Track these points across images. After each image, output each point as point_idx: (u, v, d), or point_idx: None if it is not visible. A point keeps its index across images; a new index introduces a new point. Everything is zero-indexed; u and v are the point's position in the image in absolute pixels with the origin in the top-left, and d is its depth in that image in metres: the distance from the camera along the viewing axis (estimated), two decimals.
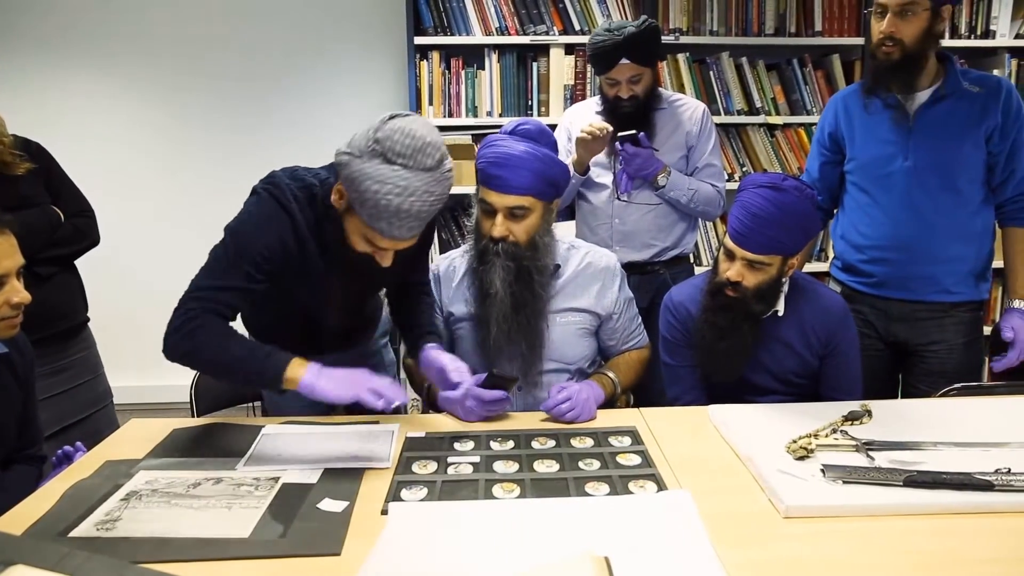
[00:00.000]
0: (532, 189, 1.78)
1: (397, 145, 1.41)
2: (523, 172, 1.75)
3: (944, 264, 2.09)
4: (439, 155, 1.45)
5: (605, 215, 2.51)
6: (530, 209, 1.80)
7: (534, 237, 1.82)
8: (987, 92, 2.03)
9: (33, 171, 2.05)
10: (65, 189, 2.16)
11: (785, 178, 1.77)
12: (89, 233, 2.16)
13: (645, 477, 1.44)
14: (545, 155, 1.78)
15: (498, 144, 1.80)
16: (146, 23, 3.80)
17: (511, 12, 3.38)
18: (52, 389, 2.04)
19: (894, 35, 1.96)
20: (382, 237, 1.49)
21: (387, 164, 1.41)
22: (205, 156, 3.93)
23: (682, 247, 2.58)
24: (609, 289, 1.97)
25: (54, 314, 2.06)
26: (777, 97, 3.47)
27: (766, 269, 1.76)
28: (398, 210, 1.42)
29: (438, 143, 1.46)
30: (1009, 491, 1.31)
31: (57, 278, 2.07)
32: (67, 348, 2.12)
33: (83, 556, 1.00)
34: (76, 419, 2.10)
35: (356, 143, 1.45)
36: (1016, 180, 2.06)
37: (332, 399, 1.50)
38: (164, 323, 1.53)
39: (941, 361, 2.13)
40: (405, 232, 1.48)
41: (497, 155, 1.77)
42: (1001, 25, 3.45)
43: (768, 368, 1.89)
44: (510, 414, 1.81)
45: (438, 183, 1.45)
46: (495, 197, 1.79)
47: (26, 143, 2.11)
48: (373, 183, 1.41)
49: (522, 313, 1.83)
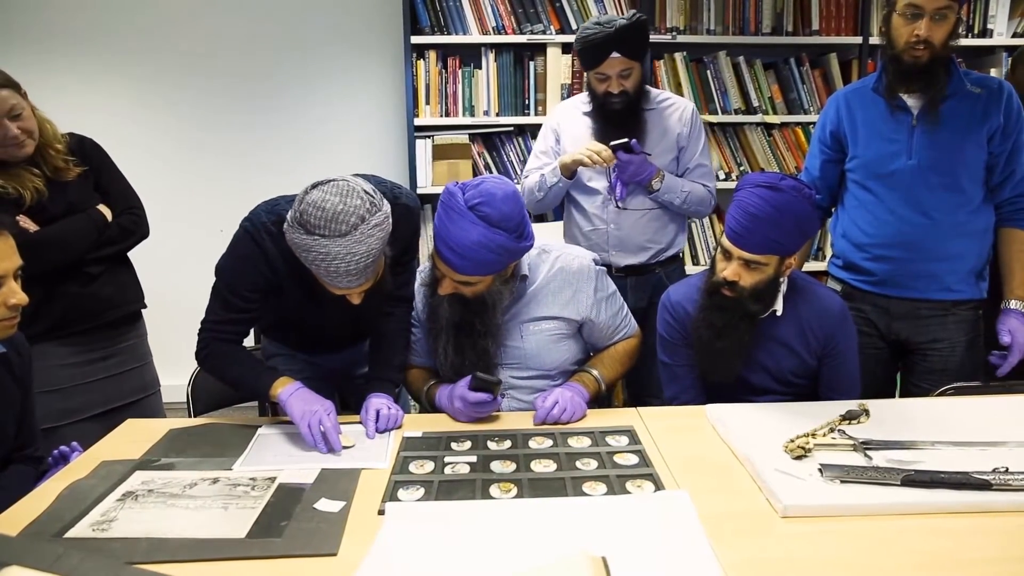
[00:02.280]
0: (478, 272, 1.73)
1: (312, 218, 1.51)
2: (471, 262, 1.70)
3: (946, 262, 2.09)
4: (353, 219, 1.51)
5: (600, 220, 2.48)
6: (478, 282, 1.76)
7: (483, 295, 1.79)
8: (989, 93, 2.04)
9: (83, 174, 2.09)
10: (114, 186, 2.20)
11: (783, 178, 1.77)
12: (136, 230, 2.20)
13: (643, 477, 1.44)
14: (499, 246, 1.69)
15: (453, 219, 1.69)
16: (144, 22, 3.79)
17: (508, 11, 3.37)
18: (97, 374, 2.10)
19: (929, 39, 1.96)
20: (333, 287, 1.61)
21: (308, 235, 1.52)
22: (202, 155, 3.93)
23: (676, 247, 2.58)
24: (583, 293, 1.92)
25: (105, 307, 2.11)
26: (774, 96, 3.47)
27: (763, 269, 1.76)
28: (328, 271, 1.54)
29: (352, 208, 1.52)
30: (1007, 490, 1.31)
31: (106, 274, 2.11)
32: (116, 337, 2.16)
33: (78, 557, 1.00)
34: (123, 402, 2.15)
35: (290, 211, 1.58)
36: (1014, 181, 2.07)
37: (291, 418, 1.67)
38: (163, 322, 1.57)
39: (943, 359, 2.13)
40: (349, 284, 1.58)
41: (448, 234, 1.69)
42: (999, 24, 3.45)
43: (766, 368, 1.89)
44: (508, 414, 1.81)
45: (358, 243, 1.52)
46: (444, 269, 1.75)
47: (80, 141, 2.17)
48: (301, 251, 1.55)
49: (464, 356, 1.83)
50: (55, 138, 2.06)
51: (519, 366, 1.90)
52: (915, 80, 2.03)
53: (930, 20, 1.95)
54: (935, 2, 1.93)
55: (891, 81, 2.08)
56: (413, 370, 1.99)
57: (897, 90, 2.07)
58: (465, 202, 1.70)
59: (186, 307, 4.07)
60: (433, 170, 3.44)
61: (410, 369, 1.99)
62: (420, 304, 1.94)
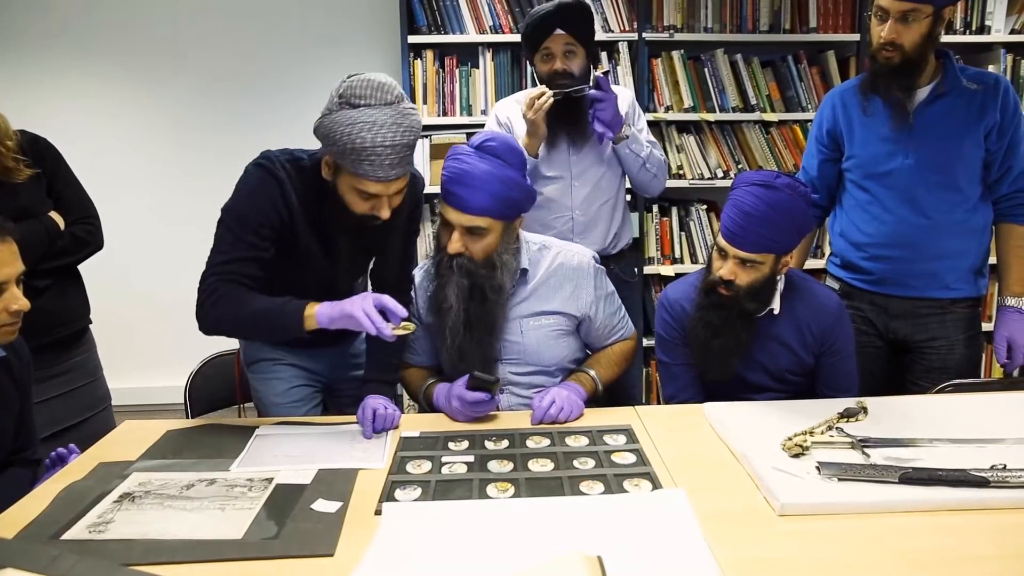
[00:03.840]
0: (491, 210, 1.74)
1: (357, 90, 1.57)
2: (482, 193, 1.72)
3: (945, 260, 2.09)
4: (397, 92, 1.60)
5: (563, 207, 2.44)
6: (488, 229, 1.77)
7: (491, 256, 1.79)
8: (985, 90, 2.03)
9: (35, 176, 1.95)
10: (68, 192, 2.05)
11: (778, 176, 1.76)
12: (90, 241, 2.06)
13: (640, 476, 1.44)
14: (507, 176, 1.74)
15: (461, 159, 1.75)
16: (139, 22, 3.80)
17: (505, 10, 3.37)
18: (47, 393, 1.98)
19: (895, 41, 1.95)
20: (370, 181, 1.59)
21: (353, 109, 1.56)
22: (199, 155, 3.93)
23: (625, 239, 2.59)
24: (583, 289, 1.92)
25: (53, 322, 1.98)
26: (772, 94, 3.47)
27: (759, 267, 1.76)
28: (374, 145, 1.55)
29: (393, 86, 1.60)
30: (1005, 487, 1.31)
31: (55, 287, 1.98)
32: (66, 353, 2.05)
33: (73, 559, 1.00)
34: (72, 423, 2.05)
35: (326, 107, 1.61)
36: (1012, 177, 2.06)
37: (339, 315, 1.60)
38: (157, 324, 1.56)
39: (942, 357, 2.13)
40: (388, 170, 1.58)
41: (458, 172, 1.73)
42: (996, 21, 3.45)
43: (764, 366, 1.88)
44: (505, 414, 1.81)
45: (403, 116, 1.58)
46: (453, 214, 1.76)
47: (33, 140, 2.00)
48: (345, 127, 1.55)
49: (475, 331, 1.81)
50: (5, 134, 1.89)
51: (518, 361, 1.90)
52: (890, 81, 2.01)
53: (896, 22, 1.94)
54: (899, 5, 1.92)
55: (868, 82, 2.08)
56: (411, 369, 1.99)
57: (875, 90, 2.06)
58: (471, 144, 1.79)
59: (180, 308, 4.07)
60: (431, 170, 3.44)
61: (408, 369, 1.99)
62: (421, 300, 1.94)
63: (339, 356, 2.01)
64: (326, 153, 1.65)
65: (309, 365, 1.95)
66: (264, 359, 1.93)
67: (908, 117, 2.04)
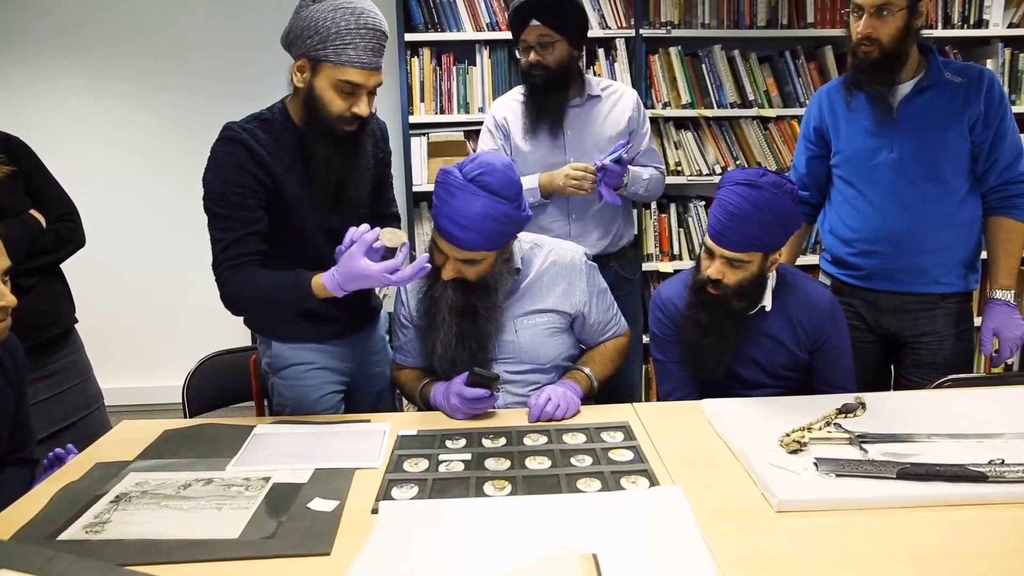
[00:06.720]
0: (484, 246, 1.71)
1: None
2: (475, 234, 1.68)
3: (932, 255, 2.09)
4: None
5: (560, 213, 2.44)
6: (482, 259, 1.75)
7: (486, 278, 1.78)
8: (969, 82, 2.02)
9: (11, 174, 1.92)
10: (47, 191, 2.04)
11: (764, 174, 1.75)
12: (73, 238, 2.05)
13: (637, 473, 1.44)
14: (501, 213, 1.69)
15: (453, 192, 1.69)
16: (132, 21, 3.79)
17: (501, 8, 3.36)
18: (39, 395, 1.96)
19: (871, 35, 1.96)
20: (354, 68, 1.62)
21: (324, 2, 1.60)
22: (194, 155, 3.85)
23: (629, 236, 2.59)
24: (577, 287, 1.92)
25: (39, 323, 1.97)
26: (770, 89, 3.46)
27: (746, 266, 1.76)
28: (358, 27, 1.60)
29: None
30: (1003, 482, 1.31)
31: (40, 287, 1.97)
32: (55, 353, 2.04)
33: (68, 559, 0.99)
34: (66, 424, 2.04)
35: (293, 12, 1.65)
36: (999, 170, 2.06)
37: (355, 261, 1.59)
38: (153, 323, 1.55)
39: (932, 353, 2.13)
40: (372, 56, 1.63)
41: (450, 207, 1.68)
42: (994, 14, 3.44)
43: (757, 362, 1.88)
44: (502, 411, 1.81)
45: (374, 7, 1.64)
46: (446, 246, 1.73)
47: (6, 140, 1.98)
48: (327, 14, 1.60)
49: (467, 343, 1.80)
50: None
51: (513, 360, 1.89)
52: (871, 76, 2.01)
53: (872, 17, 1.95)
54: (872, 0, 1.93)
55: (850, 77, 2.08)
56: (405, 370, 1.99)
57: (857, 85, 2.07)
58: (464, 176, 1.70)
59: (179, 308, 4.09)
60: (428, 168, 3.44)
61: (402, 370, 1.99)
62: (413, 304, 1.93)
63: (361, 352, 2.00)
64: (300, 56, 1.67)
65: (335, 365, 1.93)
66: (293, 364, 1.89)
67: (891, 111, 2.04)
